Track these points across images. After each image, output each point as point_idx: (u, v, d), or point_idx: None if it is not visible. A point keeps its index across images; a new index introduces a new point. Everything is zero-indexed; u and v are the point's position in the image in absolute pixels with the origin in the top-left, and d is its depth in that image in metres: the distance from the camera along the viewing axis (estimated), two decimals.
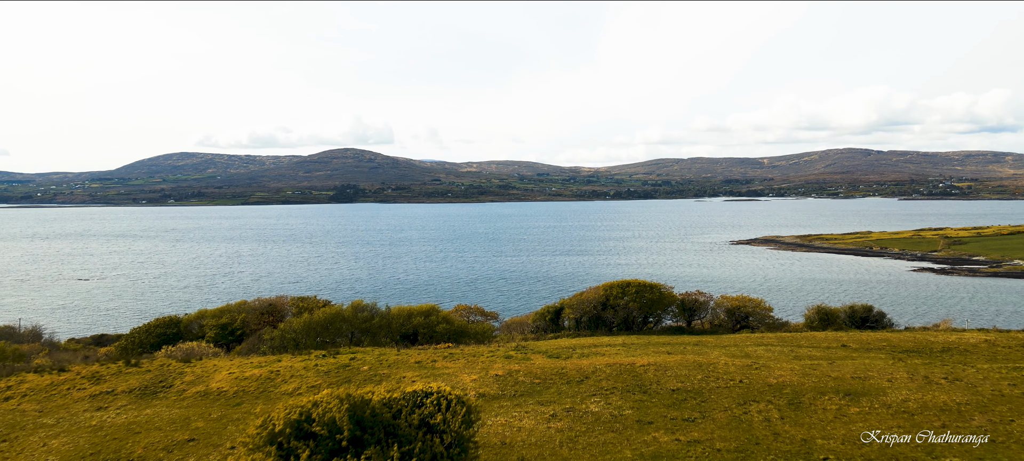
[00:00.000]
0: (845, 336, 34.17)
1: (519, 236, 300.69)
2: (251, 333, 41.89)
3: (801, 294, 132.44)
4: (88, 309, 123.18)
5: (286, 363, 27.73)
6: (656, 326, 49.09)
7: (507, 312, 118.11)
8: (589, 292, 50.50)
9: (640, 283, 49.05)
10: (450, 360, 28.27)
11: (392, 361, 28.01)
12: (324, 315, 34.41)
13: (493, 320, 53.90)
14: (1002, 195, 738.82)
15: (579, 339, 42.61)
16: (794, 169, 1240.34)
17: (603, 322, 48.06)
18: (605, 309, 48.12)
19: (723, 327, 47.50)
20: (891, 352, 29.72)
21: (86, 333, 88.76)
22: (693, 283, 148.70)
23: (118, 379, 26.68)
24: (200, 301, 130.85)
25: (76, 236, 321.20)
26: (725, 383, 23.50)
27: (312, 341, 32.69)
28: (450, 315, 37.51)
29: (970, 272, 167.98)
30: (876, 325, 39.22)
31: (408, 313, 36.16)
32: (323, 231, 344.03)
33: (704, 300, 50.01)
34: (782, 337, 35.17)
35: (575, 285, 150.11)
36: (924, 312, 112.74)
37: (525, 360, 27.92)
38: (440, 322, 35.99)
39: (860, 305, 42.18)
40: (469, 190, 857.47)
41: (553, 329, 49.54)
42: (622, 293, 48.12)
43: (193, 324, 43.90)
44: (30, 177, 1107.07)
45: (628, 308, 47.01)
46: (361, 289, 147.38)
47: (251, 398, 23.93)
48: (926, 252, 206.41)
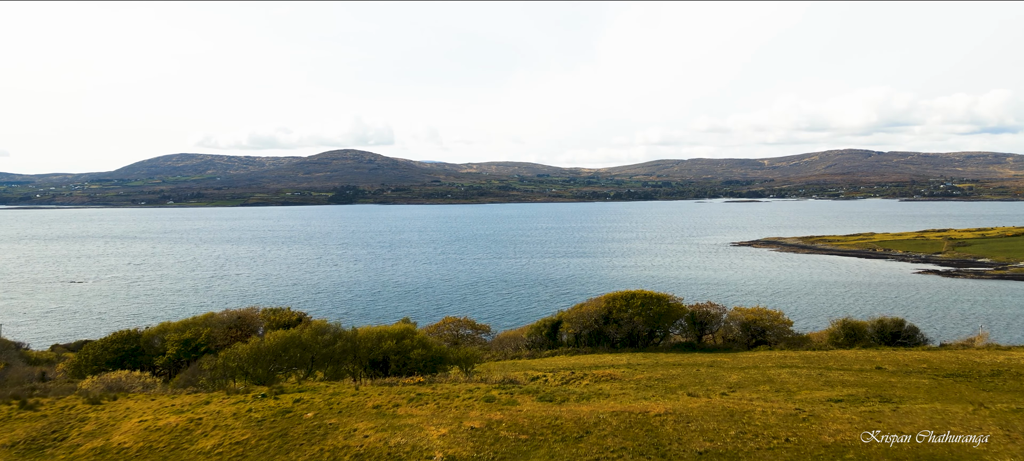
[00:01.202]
0: (878, 356, 31.31)
1: (519, 238, 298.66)
2: (218, 349, 39.17)
3: (811, 298, 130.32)
4: (80, 313, 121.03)
5: (214, 407, 23.40)
6: (663, 342, 45.47)
7: (507, 316, 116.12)
8: (589, 305, 46.80)
9: (646, 295, 45.34)
10: (417, 405, 23.33)
11: (345, 405, 23.33)
12: (275, 341, 29.54)
13: (484, 334, 50.44)
14: (1003, 196, 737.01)
15: (579, 357, 39.30)
16: (795, 170, 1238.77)
17: (605, 337, 44.36)
18: (607, 323, 44.40)
19: (737, 343, 43.90)
20: (934, 376, 26.27)
21: (72, 338, 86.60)
22: (697, 286, 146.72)
23: (4, 426, 22.29)
24: (195, 305, 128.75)
25: (73, 238, 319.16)
26: (767, 442, 18.65)
27: (261, 371, 28.26)
28: (427, 338, 32.94)
29: (976, 274, 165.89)
30: (909, 341, 36.15)
31: (378, 336, 31.58)
32: (322, 233, 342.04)
33: (716, 313, 46.15)
34: (806, 357, 32.23)
35: (576, 288, 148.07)
36: (940, 315, 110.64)
37: (510, 405, 23.18)
38: (415, 346, 31.60)
39: (890, 319, 38.57)
40: (469, 191, 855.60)
41: (550, 345, 45.91)
42: (626, 306, 44.44)
43: (155, 339, 40.26)
44: (30, 178, 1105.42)
45: (633, 322, 43.29)
46: (359, 292, 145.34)
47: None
48: (930, 254, 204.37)
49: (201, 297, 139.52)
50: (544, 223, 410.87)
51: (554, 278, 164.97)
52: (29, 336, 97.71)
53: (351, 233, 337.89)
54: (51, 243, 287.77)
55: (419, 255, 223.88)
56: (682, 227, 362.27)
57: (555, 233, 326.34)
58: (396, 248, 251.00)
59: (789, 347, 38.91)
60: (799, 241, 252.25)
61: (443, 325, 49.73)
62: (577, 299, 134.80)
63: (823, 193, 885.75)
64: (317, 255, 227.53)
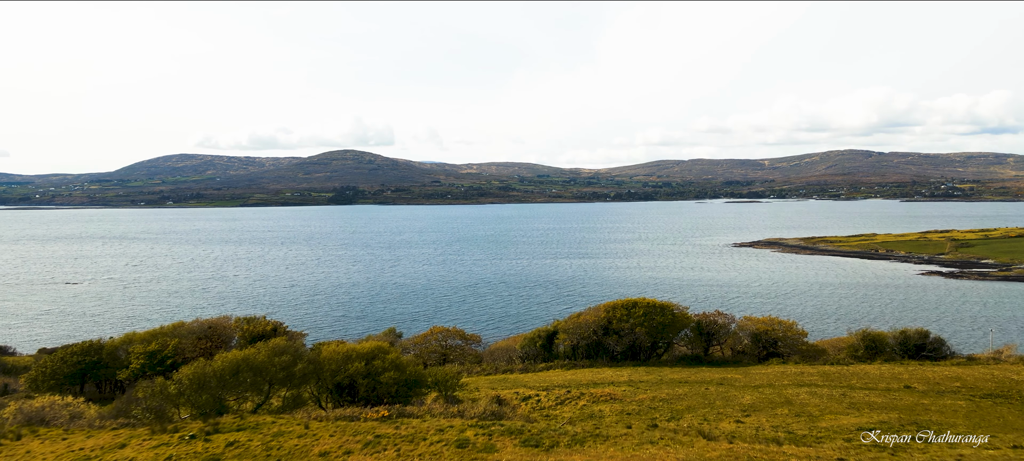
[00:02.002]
0: (904, 372, 28.85)
1: (519, 239, 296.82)
2: (187, 362, 36.13)
3: (817, 302, 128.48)
4: (73, 314, 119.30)
5: (129, 453, 19.96)
6: (667, 354, 42.29)
7: (506, 319, 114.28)
8: (588, 314, 43.56)
9: (648, 303, 41.91)
10: (373, 452, 19.48)
11: (287, 451, 19.92)
12: (224, 364, 25.85)
13: (475, 345, 47.16)
14: (1005, 197, 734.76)
15: (576, 371, 36.61)
16: (795, 170, 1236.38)
17: (604, 349, 41.10)
18: (607, 334, 41.16)
19: (748, 355, 40.55)
20: (970, 397, 23.60)
21: (64, 341, 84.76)
22: (699, 287, 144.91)
23: None
24: (190, 308, 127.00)
25: (71, 238, 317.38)
26: None
27: (207, 399, 24.91)
28: (401, 359, 29.02)
29: (980, 276, 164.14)
30: (935, 355, 33.50)
31: (345, 357, 28.12)
32: (321, 234, 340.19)
33: (724, 322, 42.67)
34: (826, 373, 29.50)
35: (577, 290, 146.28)
36: (950, 319, 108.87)
37: (487, 452, 19.41)
38: (387, 368, 27.74)
39: (914, 330, 35.63)
40: (469, 192, 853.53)
41: (545, 357, 42.72)
42: (627, 315, 41.14)
43: (119, 350, 37.32)
44: (29, 178, 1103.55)
45: (634, 333, 40.22)
46: (356, 293, 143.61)
47: None
48: (933, 255, 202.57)
49: (197, 299, 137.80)
50: (544, 224, 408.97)
51: (554, 280, 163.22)
52: (20, 339, 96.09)
53: (350, 234, 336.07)
54: (49, 244, 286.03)
55: (418, 256, 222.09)
56: (683, 228, 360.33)
57: (555, 234, 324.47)
58: (395, 249, 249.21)
59: (804, 360, 36.24)
60: (801, 242, 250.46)
61: (430, 335, 46.33)
62: (578, 301, 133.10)
63: (824, 194, 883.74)
64: (315, 256, 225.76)
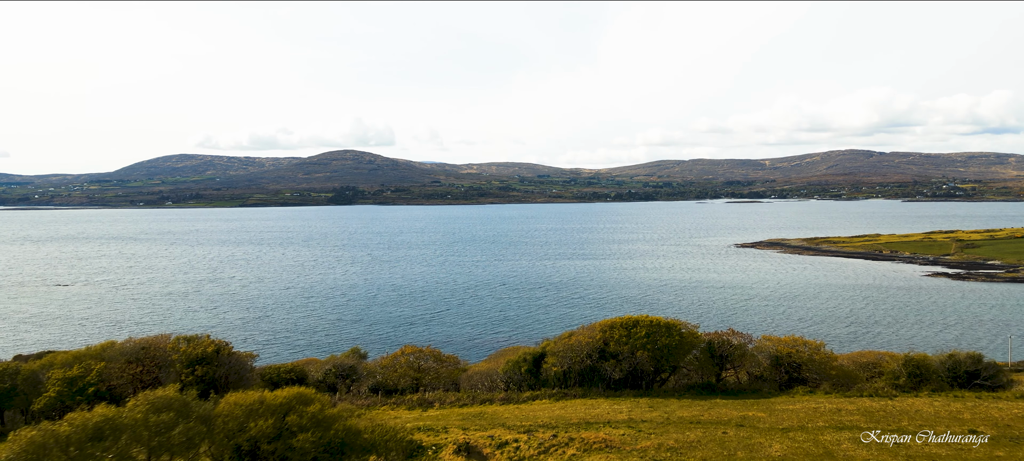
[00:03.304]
0: (961, 408, 24.87)
1: (519, 240, 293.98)
2: (114, 390, 31.34)
3: (827, 305, 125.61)
4: (61, 318, 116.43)
5: None
6: (673, 377, 37.03)
7: (504, 323, 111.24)
8: (581, 333, 37.89)
9: (651, 322, 36.53)
10: None
11: None
12: (73, 429, 19.29)
13: (451, 366, 40.93)
14: (1007, 197, 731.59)
15: (566, 403, 31.70)
16: (796, 170, 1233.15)
17: (600, 376, 35.67)
18: (603, 358, 35.88)
19: (767, 382, 35.60)
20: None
21: (47, 347, 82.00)
22: (702, 290, 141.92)
23: None
24: (181, 311, 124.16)
25: (66, 239, 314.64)
26: None
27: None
28: (327, 413, 22.17)
29: (987, 278, 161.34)
30: (991, 384, 28.86)
31: (247, 411, 21.49)
32: (319, 235, 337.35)
33: (739, 343, 37.41)
34: (868, 411, 24.84)
35: (578, 292, 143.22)
36: (970, 323, 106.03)
37: None
38: (306, 427, 21.22)
39: (965, 355, 30.86)
40: (469, 192, 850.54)
41: (531, 383, 37.25)
42: (627, 336, 35.71)
43: (37, 375, 32.45)
44: (29, 179, 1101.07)
45: (635, 357, 35.13)
46: (354, 297, 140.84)
47: None
48: (939, 256, 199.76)
49: (189, 302, 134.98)
50: (545, 224, 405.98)
51: (555, 281, 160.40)
52: (3, 344, 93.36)
53: (349, 235, 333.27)
54: (43, 245, 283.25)
55: (416, 257, 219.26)
56: (684, 228, 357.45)
57: (556, 235, 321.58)
58: (394, 250, 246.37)
59: (836, 389, 31.39)
60: (804, 243, 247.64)
61: (400, 356, 39.90)
62: (578, 304, 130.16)
63: (825, 194, 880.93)
64: (313, 257, 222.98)
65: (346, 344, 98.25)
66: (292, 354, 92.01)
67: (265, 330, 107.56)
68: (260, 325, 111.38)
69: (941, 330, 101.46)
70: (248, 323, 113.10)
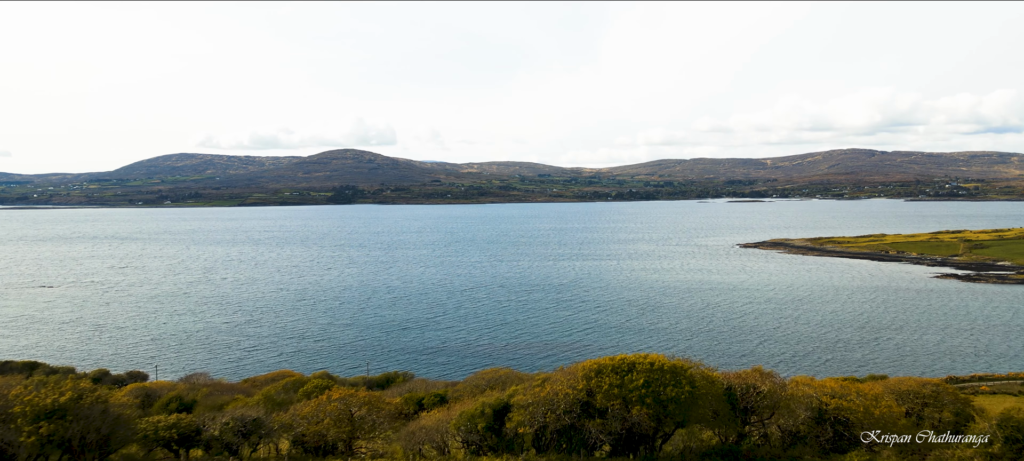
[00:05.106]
0: None
1: (520, 240, 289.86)
2: None
3: (836, 309, 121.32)
4: (42, 322, 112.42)
5: None
6: (679, 437, 28.38)
7: (503, 327, 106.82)
8: (558, 380, 28.81)
9: (651, 364, 27.30)
10: None
11: None
12: None
13: (394, 416, 32.71)
14: (1010, 196, 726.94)
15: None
16: (797, 170, 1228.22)
17: (582, 440, 27.05)
18: (587, 414, 27.30)
19: (807, 444, 27.68)
20: None
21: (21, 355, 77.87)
22: (705, 292, 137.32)
23: None
24: (167, 314, 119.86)
25: (60, 239, 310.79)
26: None
27: None
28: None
29: (998, 279, 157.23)
30: None
31: None
32: (318, 235, 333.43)
33: (768, 390, 28.60)
34: None
35: (578, 295, 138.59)
36: (1001, 331, 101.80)
37: None
38: None
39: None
40: (469, 191, 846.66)
41: (492, 443, 28.59)
42: (619, 386, 26.82)
43: None
44: (29, 178, 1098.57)
45: (629, 414, 26.55)
46: (348, 300, 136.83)
47: None
48: (947, 257, 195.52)
49: (177, 304, 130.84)
50: (545, 224, 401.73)
51: (555, 283, 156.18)
52: None
53: (347, 235, 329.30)
54: (36, 245, 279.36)
55: (414, 258, 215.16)
56: (686, 228, 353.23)
57: (556, 234, 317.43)
58: (391, 251, 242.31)
59: (903, 456, 24.07)
60: (808, 243, 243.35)
61: (325, 403, 31.72)
62: (579, 306, 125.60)
63: (827, 193, 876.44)
64: (309, 258, 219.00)
65: (336, 350, 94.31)
66: (278, 361, 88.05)
67: (251, 335, 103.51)
68: (247, 329, 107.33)
69: (970, 337, 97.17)
70: (235, 327, 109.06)
